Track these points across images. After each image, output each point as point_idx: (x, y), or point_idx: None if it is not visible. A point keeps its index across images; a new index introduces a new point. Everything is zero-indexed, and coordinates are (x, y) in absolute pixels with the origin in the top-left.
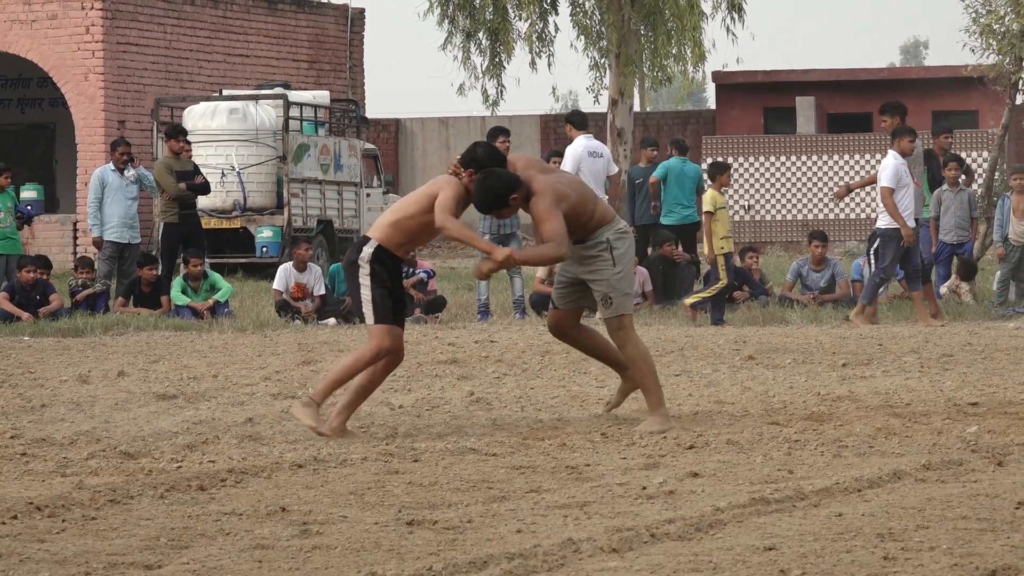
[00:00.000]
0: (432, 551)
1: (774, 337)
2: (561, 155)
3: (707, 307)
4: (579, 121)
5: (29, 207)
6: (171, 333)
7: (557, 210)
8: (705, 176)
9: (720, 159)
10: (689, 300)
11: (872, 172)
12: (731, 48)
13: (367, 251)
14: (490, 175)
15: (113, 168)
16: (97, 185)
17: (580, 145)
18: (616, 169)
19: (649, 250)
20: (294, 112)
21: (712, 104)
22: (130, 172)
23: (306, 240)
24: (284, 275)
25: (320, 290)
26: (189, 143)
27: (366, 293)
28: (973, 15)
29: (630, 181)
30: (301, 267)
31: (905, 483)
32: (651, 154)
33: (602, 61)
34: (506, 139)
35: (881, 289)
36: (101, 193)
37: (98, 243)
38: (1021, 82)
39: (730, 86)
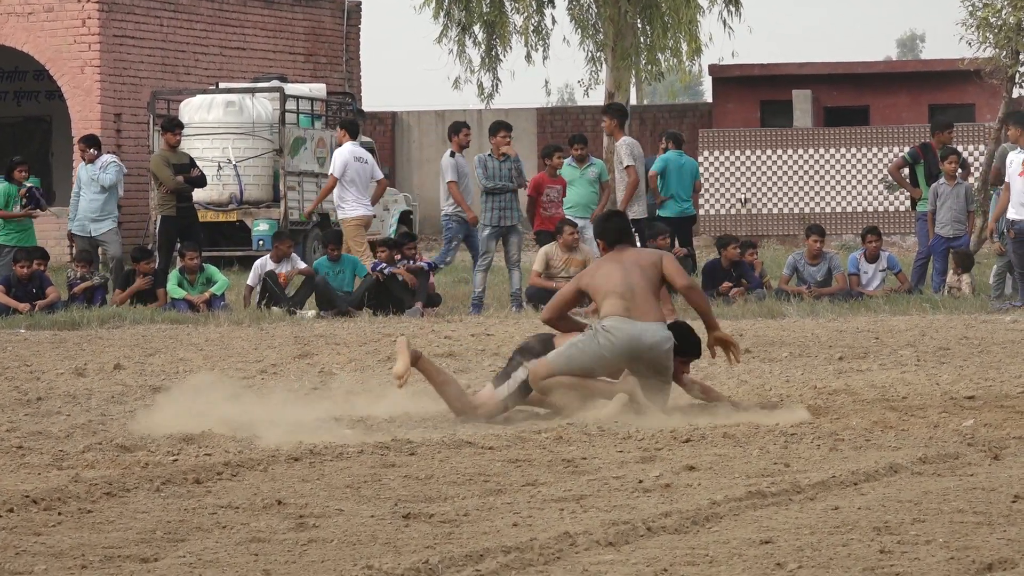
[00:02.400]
0: (428, 544)
1: (771, 331)
2: (561, 150)
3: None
4: (352, 130)
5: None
6: (167, 326)
7: None
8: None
9: None
10: None
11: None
12: (728, 41)
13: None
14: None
15: (85, 162)
16: (78, 178)
17: (347, 150)
18: (382, 175)
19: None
20: (290, 105)
21: (709, 97)
22: (96, 167)
23: (289, 236)
24: (258, 270)
25: (300, 265)
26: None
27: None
28: (970, 8)
29: None
30: (278, 259)
31: (901, 477)
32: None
33: (598, 55)
34: (507, 134)
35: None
36: (79, 187)
37: (70, 234)
38: (1018, 75)
39: (727, 79)
